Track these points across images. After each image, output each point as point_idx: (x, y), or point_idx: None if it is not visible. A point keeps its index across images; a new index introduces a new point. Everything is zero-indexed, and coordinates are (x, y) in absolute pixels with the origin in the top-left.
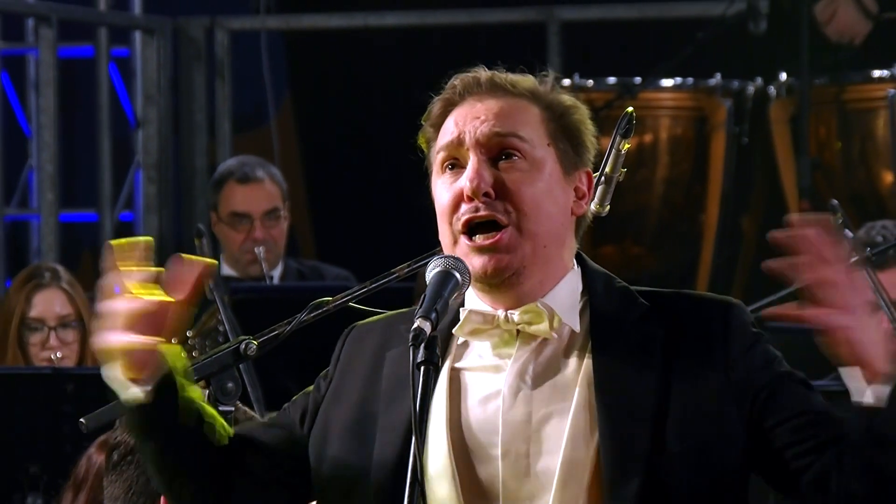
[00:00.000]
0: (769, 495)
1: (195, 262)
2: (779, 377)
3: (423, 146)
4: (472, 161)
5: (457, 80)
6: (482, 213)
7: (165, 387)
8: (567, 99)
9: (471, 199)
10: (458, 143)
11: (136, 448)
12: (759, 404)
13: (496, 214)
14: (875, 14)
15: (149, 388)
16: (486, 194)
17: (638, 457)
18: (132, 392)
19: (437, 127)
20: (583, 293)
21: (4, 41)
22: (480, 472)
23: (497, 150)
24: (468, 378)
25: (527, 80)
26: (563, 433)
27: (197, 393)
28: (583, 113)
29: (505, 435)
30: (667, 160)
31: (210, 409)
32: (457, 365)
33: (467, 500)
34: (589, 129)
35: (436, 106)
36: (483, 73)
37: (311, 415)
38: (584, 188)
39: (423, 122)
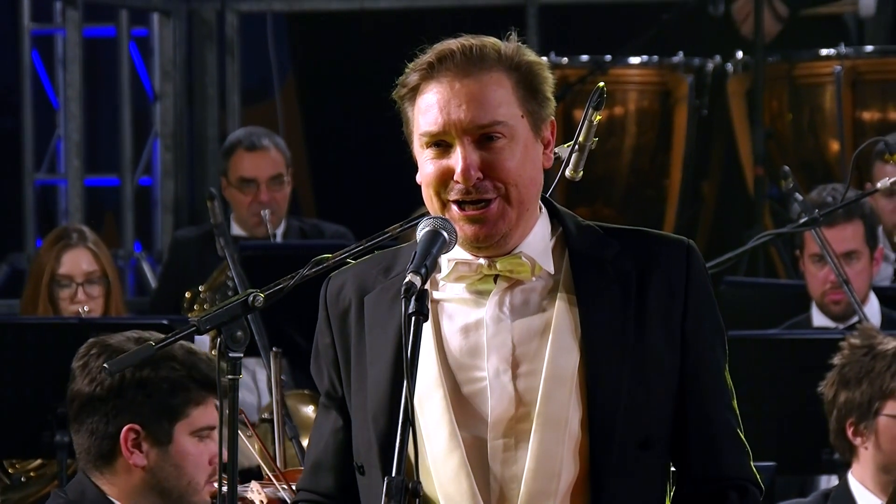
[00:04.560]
0: None
1: None
2: (706, 367)
3: (398, 101)
4: (459, 150)
5: (431, 54)
6: (473, 195)
7: None
8: (531, 56)
9: (459, 183)
10: (444, 132)
11: (90, 396)
12: (684, 378)
13: (485, 196)
14: (784, 17)
15: None
16: (476, 178)
17: (621, 389)
18: None
19: (414, 91)
20: (552, 233)
21: (35, 22)
22: (468, 396)
23: (479, 134)
24: (449, 308)
25: (494, 46)
26: (544, 356)
27: None
28: (544, 67)
29: (490, 359)
30: (634, 130)
31: None
32: (436, 296)
33: (460, 421)
34: (550, 81)
35: (412, 76)
36: (455, 44)
37: (339, 380)
38: (550, 137)
39: (397, 83)
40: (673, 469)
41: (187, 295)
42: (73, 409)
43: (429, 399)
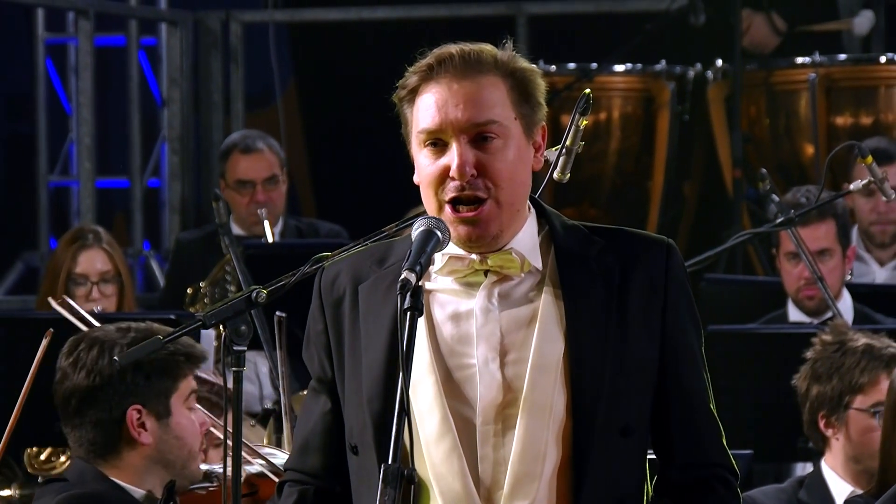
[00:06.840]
0: None
1: None
2: (685, 357)
3: (396, 102)
4: (455, 147)
5: (431, 58)
6: (467, 192)
7: None
8: (524, 63)
9: (455, 179)
10: (441, 130)
11: (90, 387)
12: (665, 368)
13: (477, 193)
14: (783, 31)
15: None
16: (471, 174)
17: (603, 377)
18: None
19: (414, 92)
20: (539, 232)
21: (48, 32)
22: (459, 381)
23: (475, 133)
24: (441, 298)
25: (490, 53)
26: (530, 346)
27: None
28: (537, 74)
29: (479, 348)
30: (619, 134)
31: None
32: (429, 287)
33: (451, 406)
34: (542, 87)
35: (412, 78)
36: (454, 48)
37: (330, 365)
38: (540, 141)
39: (397, 86)
40: (651, 457)
41: (189, 290)
42: (71, 405)
43: (422, 383)
